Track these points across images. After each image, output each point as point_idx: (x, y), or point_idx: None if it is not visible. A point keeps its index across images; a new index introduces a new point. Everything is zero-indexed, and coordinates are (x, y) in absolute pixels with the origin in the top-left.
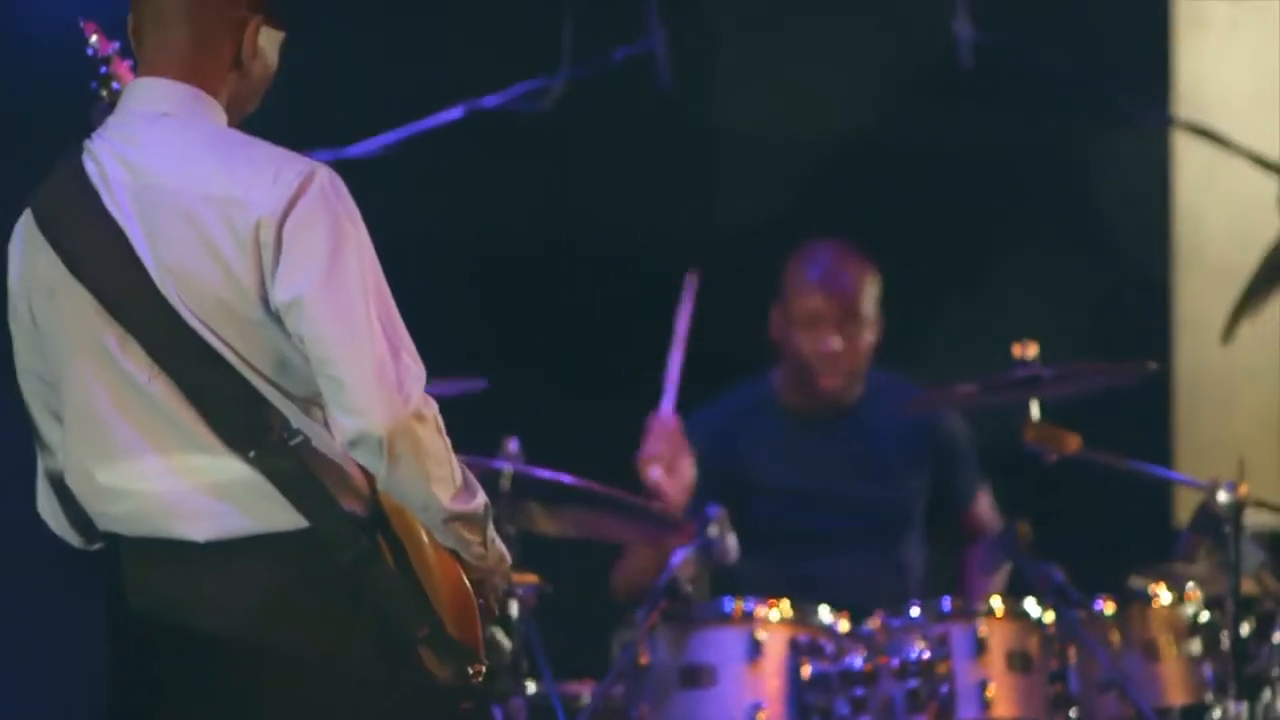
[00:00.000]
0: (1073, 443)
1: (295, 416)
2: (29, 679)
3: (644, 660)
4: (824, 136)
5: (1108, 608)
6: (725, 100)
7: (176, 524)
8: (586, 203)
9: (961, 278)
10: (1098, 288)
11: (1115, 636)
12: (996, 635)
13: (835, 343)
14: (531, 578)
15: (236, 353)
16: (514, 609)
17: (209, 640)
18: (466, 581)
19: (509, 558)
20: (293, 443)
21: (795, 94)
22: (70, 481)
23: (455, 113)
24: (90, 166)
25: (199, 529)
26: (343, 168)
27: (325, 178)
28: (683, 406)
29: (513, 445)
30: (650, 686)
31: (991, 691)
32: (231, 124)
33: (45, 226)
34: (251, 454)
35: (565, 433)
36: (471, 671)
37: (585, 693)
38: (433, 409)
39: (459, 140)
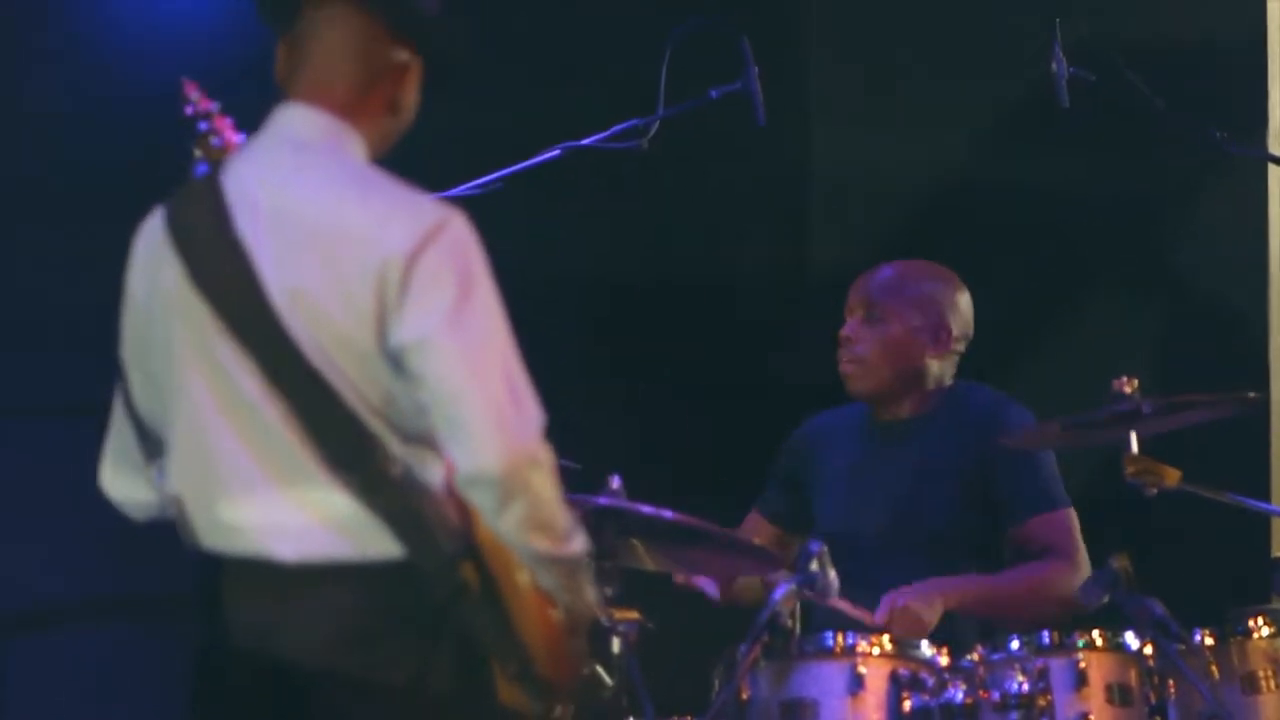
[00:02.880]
0: (1173, 476)
1: (398, 449)
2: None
3: (745, 695)
4: (919, 175)
5: (1207, 641)
6: (819, 139)
7: (268, 541)
8: (682, 240)
9: (1059, 315)
10: (1195, 323)
11: (1214, 669)
12: (1096, 668)
13: (848, 328)
14: (633, 614)
15: (348, 382)
16: (615, 645)
17: (288, 663)
18: (558, 621)
19: (598, 611)
20: (394, 473)
21: (890, 133)
22: (173, 490)
23: (553, 152)
24: (229, 183)
25: (289, 548)
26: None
27: (460, 224)
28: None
29: (615, 482)
30: None
31: None
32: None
33: (175, 234)
34: (353, 480)
35: (665, 467)
36: (558, 711)
37: None
38: (548, 455)
39: (557, 179)
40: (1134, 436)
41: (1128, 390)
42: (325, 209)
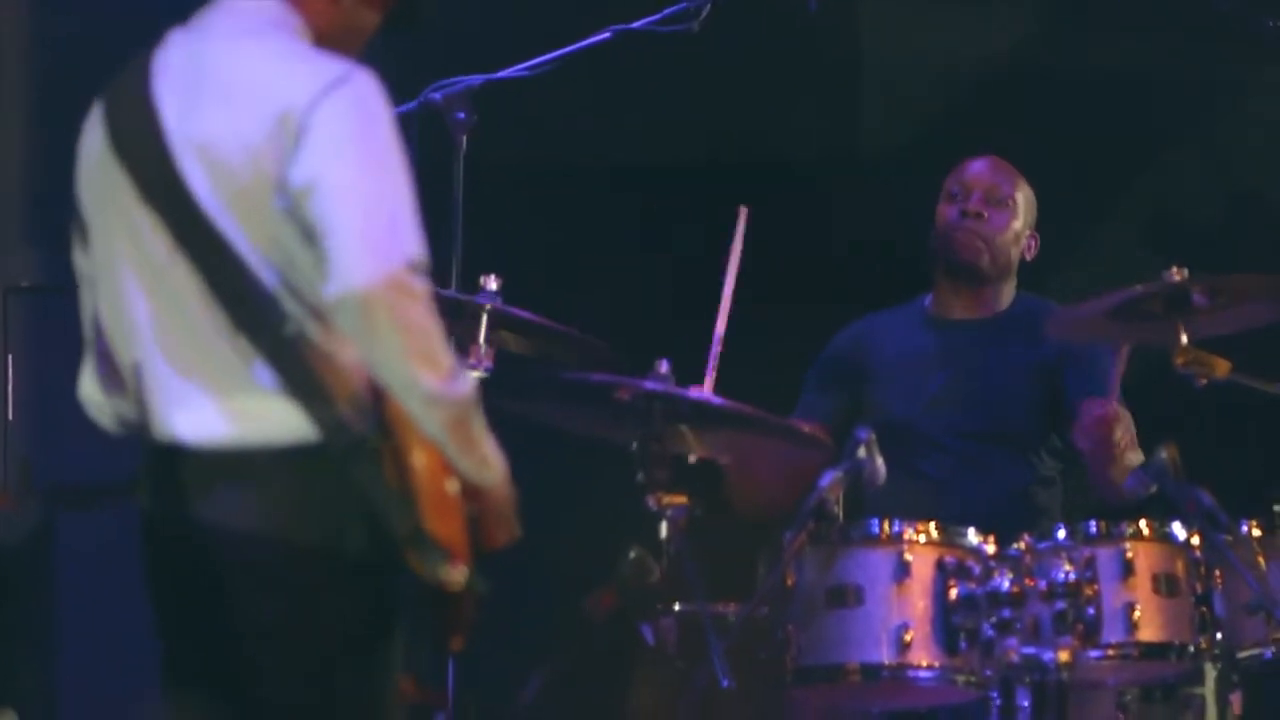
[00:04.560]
0: (1222, 367)
1: (300, 316)
2: None
3: (790, 581)
4: (971, 54)
5: (1254, 531)
6: (870, 18)
7: (175, 418)
8: (732, 124)
9: (1109, 202)
10: (1244, 213)
11: (1261, 560)
12: (1143, 558)
13: (976, 204)
14: (681, 498)
15: (248, 242)
16: (663, 530)
17: (204, 549)
18: (452, 488)
19: (510, 484)
20: (289, 333)
21: (943, 16)
22: (88, 365)
23: (604, 35)
24: (159, 53)
25: (193, 427)
26: (495, 90)
27: (363, 81)
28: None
29: (663, 366)
30: (796, 607)
31: (1138, 614)
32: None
33: (105, 101)
34: (254, 344)
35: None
36: (450, 571)
37: (732, 613)
38: (423, 287)
39: (607, 62)
40: (1183, 327)
41: (1177, 278)
42: (233, 64)
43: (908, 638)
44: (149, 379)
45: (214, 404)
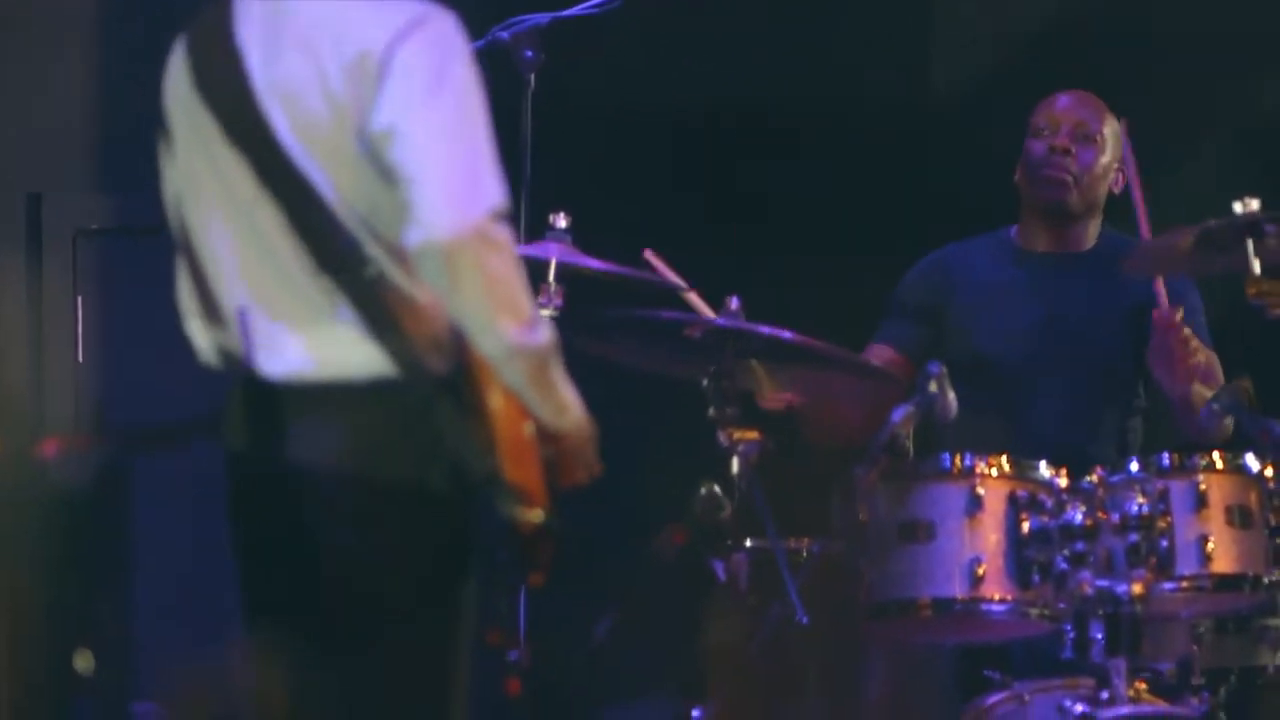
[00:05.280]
0: None
1: (381, 258)
2: None
3: (863, 516)
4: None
5: None
6: None
7: (260, 353)
8: (804, 62)
9: (1178, 143)
10: None
11: None
12: (1216, 490)
13: (1064, 140)
14: (753, 434)
15: (331, 184)
16: (735, 466)
17: (293, 472)
18: (529, 432)
19: (589, 426)
20: (369, 274)
21: None
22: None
23: None
24: None
25: (277, 362)
26: (563, 28)
27: (443, 21)
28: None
29: (734, 303)
30: (870, 542)
31: (1211, 546)
32: None
33: (188, 45)
34: (336, 284)
35: (786, 290)
36: (526, 513)
37: (805, 548)
38: (506, 237)
39: (675, 1)
40: (1255, 256)
41: (1250, 208)
42: (314, 6)
43: (980, 571)
44: (234, 315)
45: (297, 340)
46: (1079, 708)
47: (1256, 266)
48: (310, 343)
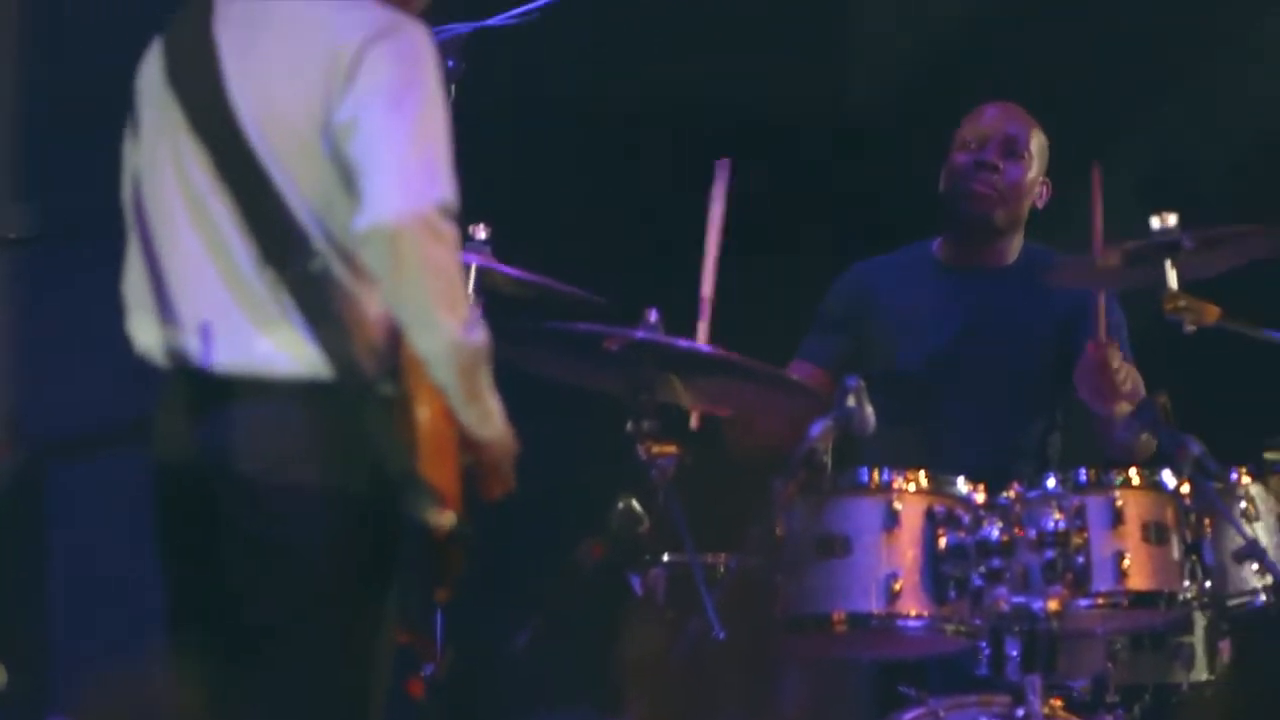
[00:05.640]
0: (1212, 313)
1: (329, 254)
2: None
3: (781, 531)
4: (956, 10)
5: (1244, 479)
6: None
7: (197, 343)
8: (721, 66)
9: (1100, 152)
10: (1237, 158)
11: (1251, 508)
12: (1132, 506)
13: (991, 156)
14: (671, 448)
15: (290, 177)
16: (654, 478)
17: (219, 464)
18: (452, 438)
19: (511, 440)
20: (315, 269)
21: None
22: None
23: None
24: None
25: (213, 353)
26: (484, 37)
27: (416, 32)
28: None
29: (652, 316)
30: (787, 556)
31: (1127, 563)
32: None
33: (167, 36)
34: (282, 277)
35: (698, 303)
36: (440, 515)
37: (723, 563)
38: (452, 233)
39: (590, 13)
40: (1172, 272)
41: (1166, 224)
42: (292, 8)
43: (896, 587)
44: (179, 305)
45: (236, 333)
46: None
47: (1174, 282)
48: (248, 336)
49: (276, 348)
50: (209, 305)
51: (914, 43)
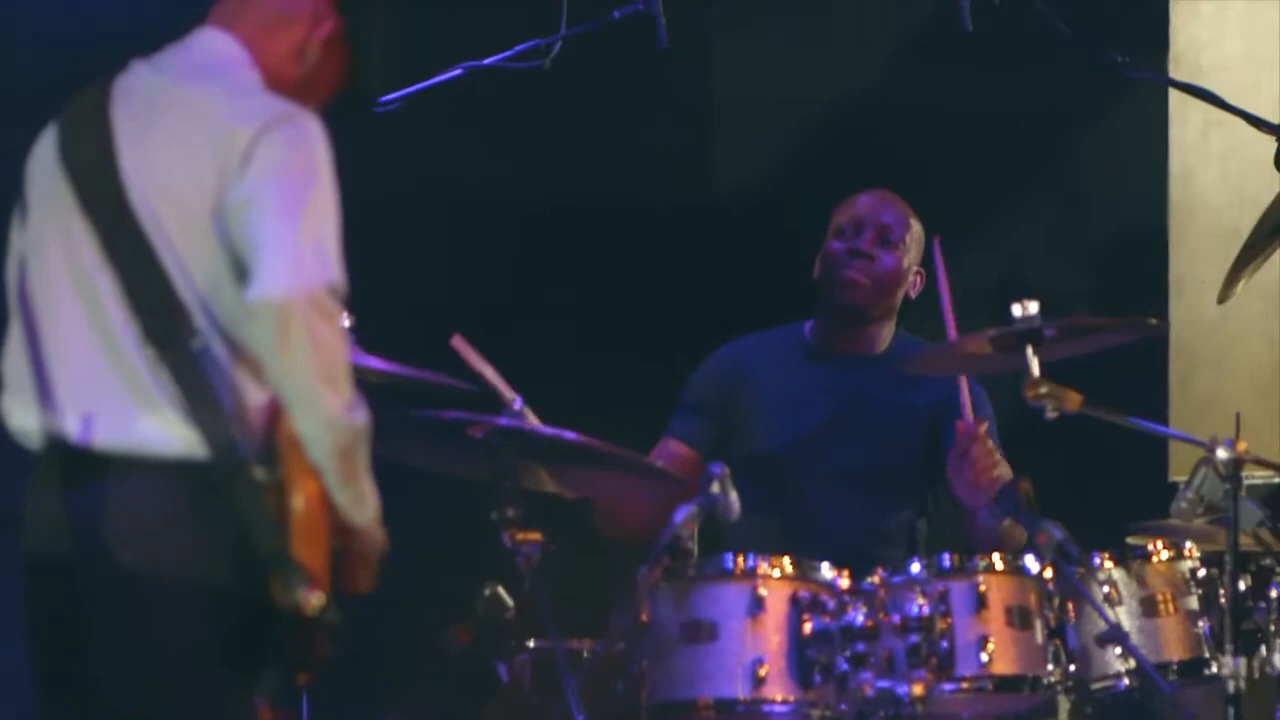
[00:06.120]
0: (1073, 400)
1: (211, 335)
2: None
3: (645, 617)
4: (822, 97)
5: (1106, 564)
6: (722, 60)
7: (73, 420)
8: (585, 161)
9: (960, 238)
10: (1094, 248)
11: (1114, 593)
12: (996, 591)
13: (867, 245)
14: (535, 535)
15: (177, 258)
16: (519, 565)
17: (85, 542)
18: (325, 522)
19: (382, 533)
20: (195, 347)
21: (793, 55)
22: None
23: (455, 72)
24: (121, 78)
25: (88, 430)
26: (348, 124)
27: (312, 123)
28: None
29: (517, 403)
30: (651, 642)
31: (991, 647)
32: None
33: (62, 119)
34: (162, 356)
35: (569, 389)
36: (308, 595)
37: (587, 649)
38: (339, 312)
39: (459, 98)
40: (1034, 359)
41: (1027, 312)
42: (190, 93)
43: (762, 672)
44: (60, 385)
45: (117, 413)
46: None
47: (1035, 369)
48: (130, 418)
49: (154, 427)
50: (90, 385)
51: (779, 130)
